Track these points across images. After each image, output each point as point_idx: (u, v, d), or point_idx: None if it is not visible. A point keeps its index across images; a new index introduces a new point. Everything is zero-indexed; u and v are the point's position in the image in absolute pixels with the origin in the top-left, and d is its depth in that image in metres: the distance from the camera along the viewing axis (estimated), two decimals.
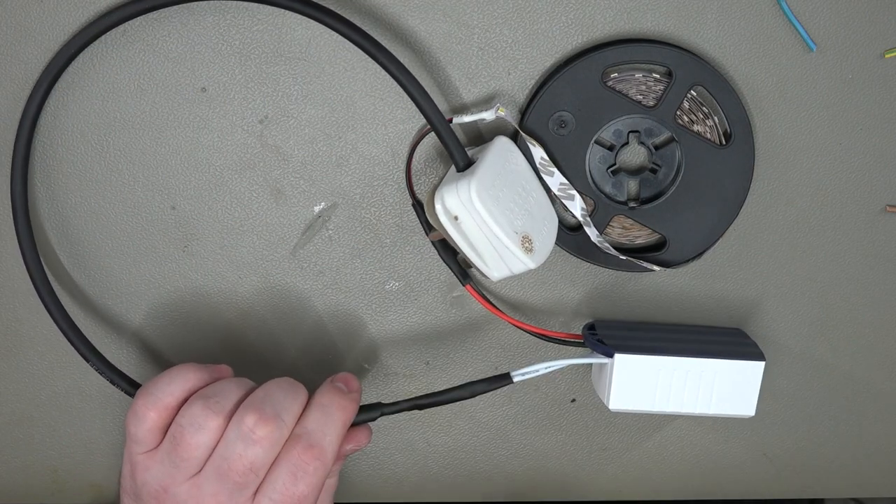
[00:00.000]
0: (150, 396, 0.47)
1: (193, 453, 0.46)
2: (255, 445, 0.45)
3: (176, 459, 0.46)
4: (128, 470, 0.49)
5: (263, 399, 0.47)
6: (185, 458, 0.46)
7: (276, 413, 0.46)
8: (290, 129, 0.51)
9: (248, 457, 0.45)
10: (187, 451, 0.46)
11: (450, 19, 0.49)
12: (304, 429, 0.47)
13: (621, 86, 0.49)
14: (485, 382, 0.49)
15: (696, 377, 0.49)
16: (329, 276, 0.53)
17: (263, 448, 0.46)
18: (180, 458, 0.46)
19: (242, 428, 0.46)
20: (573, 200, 0.50)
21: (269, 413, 0.46)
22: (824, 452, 0.57)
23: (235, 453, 0.45)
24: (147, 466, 0.47)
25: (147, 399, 0.47)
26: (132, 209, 0.52)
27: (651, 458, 0.57)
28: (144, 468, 0.47)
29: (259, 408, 0.46)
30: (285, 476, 0.46)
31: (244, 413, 0.46)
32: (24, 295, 0.53)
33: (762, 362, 0.49)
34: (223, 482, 0.46)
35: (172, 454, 0.46)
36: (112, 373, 0.51)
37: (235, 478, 0.46)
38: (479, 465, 0.57)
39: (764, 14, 0.49)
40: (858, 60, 0.49)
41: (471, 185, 0.44)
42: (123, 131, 0.50)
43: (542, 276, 0.53)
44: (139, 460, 0.48)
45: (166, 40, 0.49)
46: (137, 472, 0.48)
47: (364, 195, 0.52)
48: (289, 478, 0.46)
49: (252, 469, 0.46)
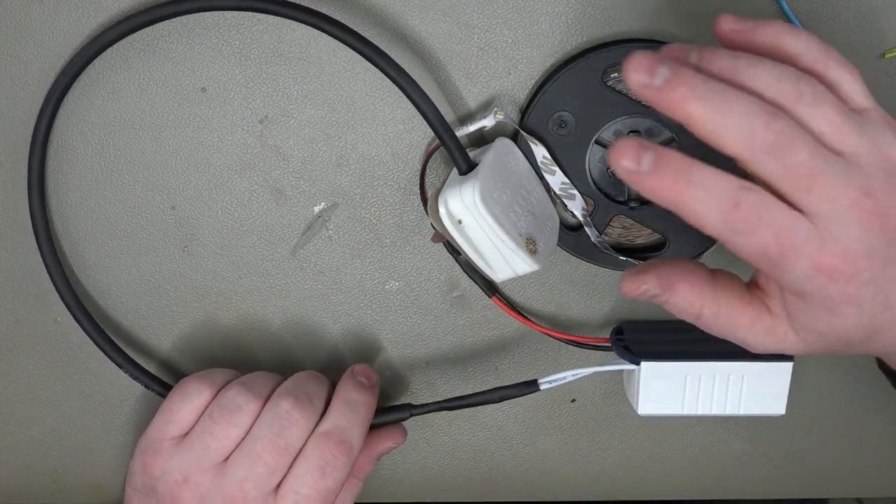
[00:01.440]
0: (205, 377, 0.50)
1: (229, 433, 0.47)
2: (291, 426, 0.47)
3: (208, 440, 0.47)
4: (141, 464, 0.49)
5: (296, 386, 0.49)
6: (219, 437, 0.47)
7: (309, 399, 0.48)
8: (290, 129, 0.51)
9: (284, 437, 0.47)
10: (223, 430, 0.47)
11: (450, 19, 0.49)
12: (334, 424, 0.48)
13: (621, 86, 0.49)
14: (514, 388, 0.50)
15: (723, 380, 0.49)
16: (329, 276, 0.53)
17: (299, 430, 0.47)
18: (214, 437, 0.47)
19: (279, 410, 0.47)
20: (574, 200, 0.50)
21: (304, 398, 0.48)
22: (824, 452, 0.57)
23: (271, 433, 0.47)
24: (172, 454, 0.48)
25: (202, 379, 0.49)
26: (132, 209, 0.52)
27: (651, 458, 0.57)
28: (168, 456, 0.48)
29: (294, 393, 0.48)
30: (314, 470, 0.47)
31: (280, 398, 0.48)
32: (24, 295, 0.53)
33: (790, 362, 0.49)
34: (252, 466, 0.46)
35: (205, 434, 0.47)
36: (146, 377, 0.52)
37: (267, 459, 0.47)
38: (479, 465, 0.58)
39: (764, 14, 0.48)
40: (858, 60, 0.49)
41: (475, 189, 0.44)
42: (123, 131, 0.51)
43: (542, 277, 0.53)
44: (165, 447, 0.48)
45: (166, 40, 0.49)
46: (159, 461, 0.48)
47: (364, 195, 0.52)
48: (318, 472, 0.47)
49: (286, 449, 0.47)
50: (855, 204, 0.37)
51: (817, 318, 0.40)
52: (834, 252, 0.38)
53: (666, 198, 0.37)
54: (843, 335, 0.40)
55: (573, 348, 0.54)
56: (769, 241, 0.37)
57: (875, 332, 0.41)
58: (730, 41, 0.41)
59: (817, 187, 0.37)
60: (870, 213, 0.38)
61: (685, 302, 0.42)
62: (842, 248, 0.38)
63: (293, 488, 0.47)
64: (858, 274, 0.38)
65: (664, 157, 0.36)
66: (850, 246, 0.38)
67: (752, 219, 0.37)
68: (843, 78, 0.40)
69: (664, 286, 0.42)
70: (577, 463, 0.58)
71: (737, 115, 0.36)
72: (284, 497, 0.47)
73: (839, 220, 0.37)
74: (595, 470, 0.58)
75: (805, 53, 0.39)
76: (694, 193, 0.36)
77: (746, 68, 0.38)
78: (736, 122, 0.36)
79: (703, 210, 0.36)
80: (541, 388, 0.50)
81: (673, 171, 0.36)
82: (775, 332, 0.42)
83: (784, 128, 0.37)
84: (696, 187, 0.36)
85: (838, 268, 0.38)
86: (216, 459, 0.47)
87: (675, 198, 0.36)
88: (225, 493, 0.46)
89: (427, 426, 0.56)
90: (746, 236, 0.37)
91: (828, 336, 0.41)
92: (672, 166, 0.36)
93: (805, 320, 0.40)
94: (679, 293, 0.42)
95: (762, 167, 0.37)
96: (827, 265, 0.38)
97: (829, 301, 0.39)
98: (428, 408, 0.51)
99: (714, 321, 0.42)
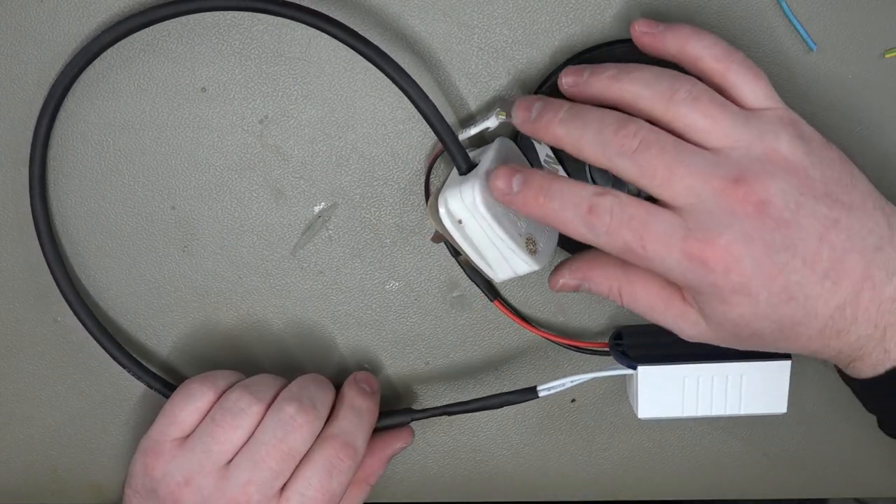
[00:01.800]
0: (207, 379, 0.49)
1: (232, 436, 0.47)
2: (295, 432, 0.47)
3: (210, 443, 0.47)
4: (142, 466, 0.48)
5: (300, 391, 0.49)
6: (222, 441, 0.47)
7: (312, 404, 0.48)
8: (290, 129, 0.51)
9: (288, 442, 0.47)
10: (226, 433, 0.47)
11: (450, 19, 0.49)
12: (340, 428, 0.49)
13: None
14: (513, 394, 0.51)
15: (722, 381, 0.49)
16: (329, 276, 0.53)
17: (303, 435, 0.47)
18: (216, 441, 0.47)
19: (283, 415, 0.47)
20: None
21: (308, 403, 0.48)
22: (824, 452, 0.57)
23: (275, 438, 0.47)
24: (174, 455, 0.47)
25: (204, 381, 0.49)
26: (132, 209, 0.52)
27: (651, 458, 0.57)
28: (171, 457, 0.47)
29: (298, 398, 0.48)
30: (321, 473, 0.47)
31: (284, 402, 0.48)
32: (24, 295, 0.53)
33: (788, 361, 0.49)
34: (256, 470, 0.46)
35: (207, 437, 0.47)
36: (149, 376, 0.52)
37: (271, 464, 0.46)
38: (479, 465, 0.58)
39: (764, 14, 0.48)
40: (858, 60, 0.49)
41: (475, 189, 0.44)
42: (123, 131, 0.51)
43: (542, 277, 0.53)
44: (167, 448, 0.48)
45: (166, 40, 0.49)
46: (161, 462, 0.48)
47: (364, 195, 0.52)
48: (324, 474, 0.47)
49: (291, 455, 0.47)
50: (720, 192, 0.39)
51: (713, 308, 0.41)
52: (699, 238, 0.39)
53: (532, 212, 0.42)
54: (746, 326, 0.41)
55: (600, 359, 0.54)
56: (629, 237, 0.40)
57: (787, 327, 0.41)
58: (641, 44, 0.43)
59: (676, 180, 0.39)
60: (742, 201, 0.39)
61: (601, 286, 0.45)
62: (708, 235, 0.39)
63: (299, 490, 0.47)
64: (737, 261, 0.39)
65: (529, 176, 0.42)
66: (718, 233, 0.39)
67: (607, 219, 0.40)
68: (744, 79, 0.42)
69: (579, 276, 0.46)
70: (577, 463, 0.58)
71: (591, 128, 0.40)
72: (290, 499, 0.47)
73: (704, 209, 0.39)
74: (595, 470, 0.58)
75: (707, 56, 0.42)
76: (553, 204, 0.41)
77: (626, 74, 0.41)
78: (590, 135, 0.40)
79: (563, 218, 0.41)
80: (539, 394, 0.50)
81: (535, 188, 0.41)
82: (688, 317, 0.43)
83: (636, 130, 0.40)
84: (553, 199, 0.41)
85: (707, 254, 0.39)
86: (218, 462, 0.47)
87: (539, 210, 0.41)
88: (228, 496, 0.46)
89: (427, 427, 0.56)
90: (607, 236, 0.40)
91: (731, 326, 0.42)
92: (535, 184, 0.41)
93: (706, 310, 0.42)
94: (593, 279, 0.45)
95: (620, 169, 0.40)
96: (695, 252, 0.39)
97: (717, 290, 0.40)
98: (428, 413, 0.52)
99: (633, 302, 0.45)
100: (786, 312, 0.41)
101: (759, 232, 0.39)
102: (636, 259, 0.41)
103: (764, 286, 0.40)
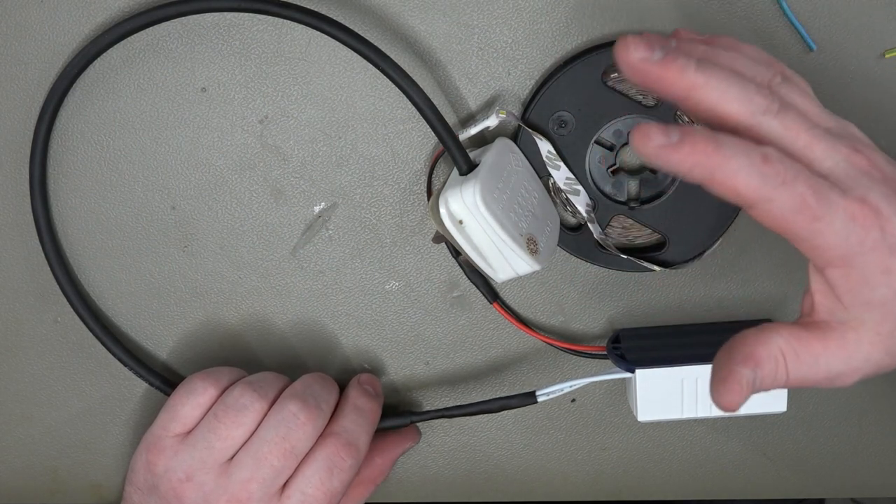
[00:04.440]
0: (210, 375, 0.49)
1: (234, 432, 0.47)
2: (298, 429, 0.47)
3: (212, 439, 0.47)
4: (144, 461, 0.48)
5: (304, 389, 0.49)
6: (224, 437, 0.47)
7: (316, 403, 0.48)
8: (290, 129, 0.51)
9: (290, 440, 0.47)
10: (228, 429, 0.47)
11: (450, 19, 0.49)
12: (343, 427, 0.48)
13: (621, 86, 0.49)
14: (513, 399, 0.51)
15: None
16: (329, 276, 0.53)
17: (306, 433, 0.47)
18: (218, 437, 0.47)
19: (286, 413, 0.47)
20: (579, 195, 0.50)
21: (311, 402, 0.48)
22: (824, 452, 0.57)
23: (278, 436, 0.47)
24: (176, 451, 0.47)
25: (206, 377, 0.49)
26: (132, 209, 0.52)
27: (651, 458, 0.57)
28: (173, 453, 0.47)
29: (301, 396, 0.48)
30: (322, 471, 0.47)
31: (287, 400, 0.48)
32: (24, 295, 0.53)
33: None
34: (258, 467, 0.46)
35: (209, 434, 0.47)
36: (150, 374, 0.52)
37: (273, 461, 0.46)
38: (479, 465, 0.58)
39: (764, 14, 0.48)
40: (858, 60, 0.49)
41: (475, 190, 0.44)
42: (123, 131, 0.51)
43: (542, 277, 0.53)
44: (169, 444, 0.48)
45: (166, 40, 0.49)
46: (162, 458, 0.48)
47: (364, 195, 0.52)
48: (325, 472, 0.47)
49: (293, 452, 0.47)
50: (849, 157, 0.38)
51: (873, 281, 0.38)
52: (853, 197, 0.37)
53: (699, 162, 0.36)
54: None
55: (597, 362, 0.54)
56: (805, 190, 0.37)
57: None
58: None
59: (816, 143, 0.38)
60: (868, 165, 0.38)
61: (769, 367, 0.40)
62: (859, 194, 0.37)
63: (300, 488, 0.47)
64: (888, 219, 0.37)
65: (689, 129, 0.37)
66: (865, 192, 0.37)
67: (783, 170, 0.36)
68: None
69: (751, 365, 0.40)
70: (576, 463, 0.58)
71: (734, 81, 0.37)
72: (291, 497, 0.47)
73: (843, 172, 0.38)
74: (595, 470, 0.58)
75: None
76: (725, 152, 0.36)
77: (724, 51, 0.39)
78: (737, 88, 0.37)
79: (737, 167, 0.36)
80: (538, 400, 0.51)
81: (702, 138, 0.36)
82: (847, 341, 0.40)
83: (772, 92, 0.38)
84: (726, 147, 0.36)
85: (866, 211, 0.37)
86: (220, 459, 0.47)
87: (707, 160, 0.36)
88: (229, 492, 0.46)
89: (427, 427, 0.56)
90: (784, 187, 0.36)
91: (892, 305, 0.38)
92: (699, 133, 0.37)
93: (862, 292, 0.38)
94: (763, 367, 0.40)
95: (765, 128, 0.38)
96: (856, 210, 0.37)
97: (876, 253, 0.37)
98: (428, 415, 0.52)
99: (797, 365, 0.40)
100: None
101: (893, 193, 0.38)
102: (805, 218, 0.37)
103: None
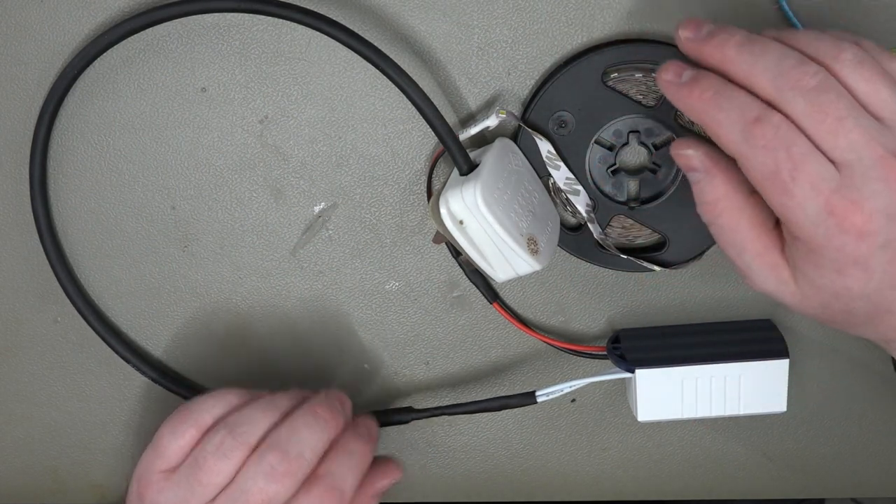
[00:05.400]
0: (192, 414, 0.48)
1: (213, 479, 0.46)
2: (275, 483, 0.45)
3: (193, 483, 0.46)
4: (136, 492, 0.48)
5: (288, 437, 0.46)
6: (204, 482, 0.46)
7: (299, 452, 0.46)
8: (290, 129, 0.51)
9: (269, 492, 0.45)
10: (207, 475, 0.46)
11: (450, 19, 0.49)
12: (329, 471, 0.47)
13: (621, 86, 0.49)
14: (514, 399, 0.52)
15: (720, 382, 0.50)
16: (329, 276, 0.53)
17: (284, 486, 0.46)
18: (198, 482, 0.46)
19: (264, 465, 0.45)
20: (579, 195, 0.50)
21: (293, 453, 0.46)
22: (824, 452, 0.57)
23: (256, 486, 0.45)
24: (161, 487, 0.47)
25: (188, 416, 0.48)
26: (132, 209, 0.52)
27: (651, 458, 0.57)
28: (158, 489, 0.47)
29: (283, 447, 0.46)
30: None
31: (267, 451, 0.46)
32: (24, 294, 0.53)
33: (786, 360, 0.49)
34: None
35: (191, 477, 0.46)
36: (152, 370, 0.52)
37: None
38: (478, 465, 0.58)
39: (764, 14, 0.48)
40: None
41: (476, 190, 0.44)
42: (124, 132, 0.51)
43: (542, 277, 0.53)
44: (155, 479, 0.47)
45: (166, 41, 0.49)
46: (150, 491, 0.47)
47: (364, 195, 0.52)
48: None
49: (272, 502, 0.45)
50: (880, 160, 0.37)
51: (821, 273, 0.39)
52: (850, 198, 0.37)
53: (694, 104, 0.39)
54: (845, 300, 0.40)
55: (597, 362, 0.54)
56: (783, 160, 0.38)
57: (880, 312, 0.40)
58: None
59: (843, 132, 0.37)
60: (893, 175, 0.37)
61: (714, 193, 0.42)
62: (859, 198, 0.37)
63: None
64: (873, 233, 0.38)
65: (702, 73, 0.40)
66: (868, 199, 0.37)
67: (770, 135, 0.38)
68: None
69: (708, 165, 0.42)
70: (576, 463, 0.58)
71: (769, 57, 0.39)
72: None
73: (860, 171, 0.37)
74: (595, 470, 0.58)
75: None
76: (719, 101, 0.38)
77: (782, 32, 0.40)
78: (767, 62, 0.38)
79: (722, 119, 0.38)
80: (538, 400, 0.51)
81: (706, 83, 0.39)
82: (779, 272, 0.41)
83: (816, 70, 0.38)
84: (722, 97, 0.38)
85: (849, 214, 0.37)
86: (203, 500, 0.46)
87: (701, 105, 0.39)
88: None
89: (427, 426, 0.56)
90: (762, 150, 0.38)
91: (827, 296, 0.40)
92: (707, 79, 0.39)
93: (810, 272, 0.40)
94: (715, 181, 0.42)
95: (790, 104, 0.38)
96: (839, 208, 0.37)
97: (839, 255, 0.38)
98: (428, 413, 0.52)
99: (727, 232, 0.42)
100: (888, 297, 0.39)
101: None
102: (774, 188, 0.38)
103: (883, 267, 0.38)
